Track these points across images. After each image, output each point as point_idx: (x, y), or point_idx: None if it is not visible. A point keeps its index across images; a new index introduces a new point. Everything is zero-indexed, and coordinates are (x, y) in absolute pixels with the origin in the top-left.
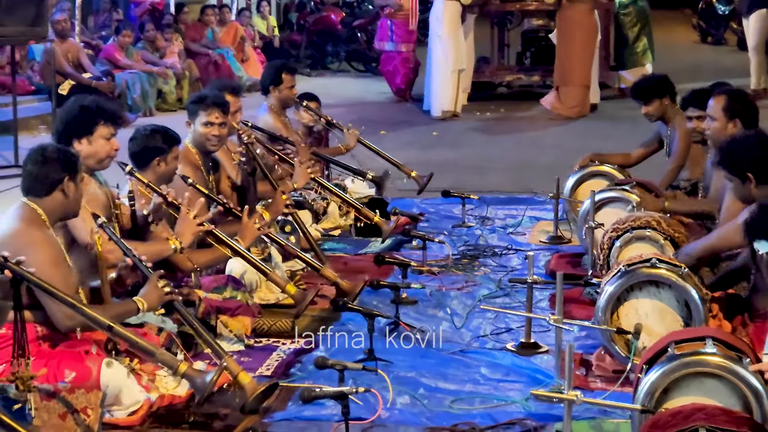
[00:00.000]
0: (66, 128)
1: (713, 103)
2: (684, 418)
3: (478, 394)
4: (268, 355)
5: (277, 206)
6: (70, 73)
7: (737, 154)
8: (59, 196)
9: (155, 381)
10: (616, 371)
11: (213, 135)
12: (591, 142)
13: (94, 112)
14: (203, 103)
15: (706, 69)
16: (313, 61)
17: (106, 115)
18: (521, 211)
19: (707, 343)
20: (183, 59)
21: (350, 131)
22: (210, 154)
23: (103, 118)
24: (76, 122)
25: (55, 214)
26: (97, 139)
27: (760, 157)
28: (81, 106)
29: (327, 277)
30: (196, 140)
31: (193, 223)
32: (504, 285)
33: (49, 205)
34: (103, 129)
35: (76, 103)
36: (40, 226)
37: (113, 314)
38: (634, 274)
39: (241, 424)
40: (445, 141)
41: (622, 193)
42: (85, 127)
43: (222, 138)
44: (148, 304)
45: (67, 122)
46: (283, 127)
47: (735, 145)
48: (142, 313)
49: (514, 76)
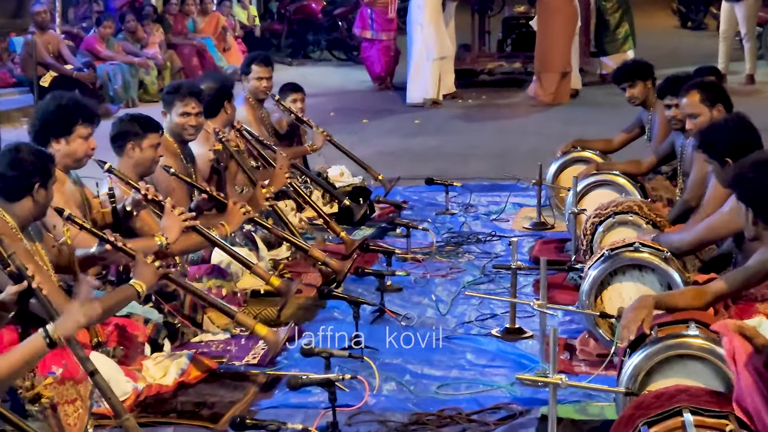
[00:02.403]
0: (43, 127)
1: (689, 101)
2: (667, 400)
3: (464, 380)
4: (254, 343)
5: (257, 200)
6: (52, 65)
7: (716, 138)
8: (28, 202)
9: (142, 371)
10: (600, 355)
11: (190, 125)
12: (573, 128)
13: (72, 111)
14: (179, 93)
15: (686, 54)
16: (294, 50)
17: (84, 114)
18: (504, 198)
19: (690, 326)
20: (164, 50)
21: (319, 131)
22: (187, 143)
23: (82, 118)
24: (54, 122)
25: (23, 220)
26: (75, 139)
27: (737, 141)
28: (59, 105)
29: (316, 258)
30: (172, 130)
31: (178, 219)
32: (488, 271)
33: (18, 210)
34: (82, 129)
35: (53, 102)
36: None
37: (114, 302)
38: (618, 259)
39: (229, 412)
40: (428, 129)
41: (607, 177)
42: (64, 128)
43: (198, 127)
44: (146, 283)
45: (45, 121)
46: (254, 120)
47: (713, 130)
48: (142, 296)
49: (496, 63)
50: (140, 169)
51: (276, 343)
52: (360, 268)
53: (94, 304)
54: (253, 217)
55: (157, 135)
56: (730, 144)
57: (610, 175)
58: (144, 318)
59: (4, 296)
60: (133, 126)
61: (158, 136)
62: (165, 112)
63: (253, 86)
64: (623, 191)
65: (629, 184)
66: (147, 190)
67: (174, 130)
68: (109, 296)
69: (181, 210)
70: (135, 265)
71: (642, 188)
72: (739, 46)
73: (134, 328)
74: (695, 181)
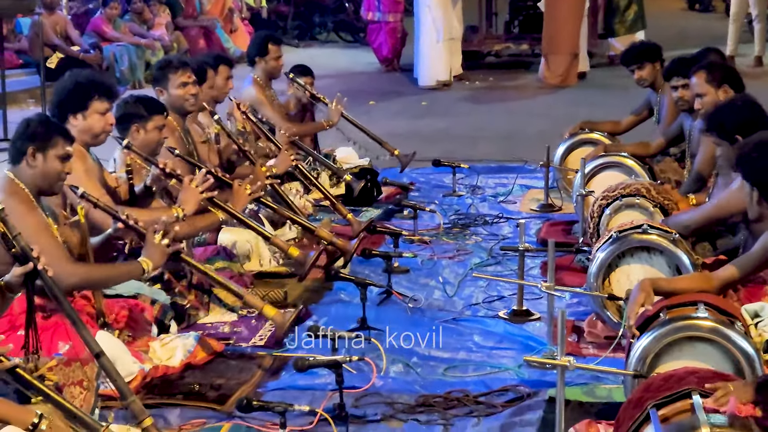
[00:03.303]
0: (61, 103)
1: (696, 81)
2: (676, 382)
3: (471, 362)
4: (261, 325)
5: (258, 179)
6: (59, 46)
7: (725, 118)
8: (25, 166)
9: (149, 352)
10: (608, 337)
11: (190, 94)
12: (581, 110)
13: (88, 87)
14: (171, 66)
15: (694, 36)
16: (301, 31)
17: (100, 89)
18: (512, 180)
19: (699, 308)
20: (171, 31)
21: (335, 106)
22: (187, 115)
23: (98, 93)
24: (71, 97)
25: (30, 185)
26: (91, 114)
27: (746, 120)
28: (76, 81)
29: (323, 238)
30: (173, 104)
31: (196, 192)
32: (495, 253)
33: (21, 174)
34: (98, 104)
35: (71, 79)
36: (21, 197)
37: (117, 273)
38: (626, 240)
39: (236, 394)
40: (435, 111)
41: (615, 159)
42: (80, 103)
43: (197, 96)
44: (153, 262)
45: (61, 97)
46: (266, 100)
47: (722, 110)
48: (148, 274)
49: (503, 45)
50: (145, 150)
51: (283, 324)
52: (367, 250)
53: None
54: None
55: (162, 117)
56: (738, 124)
57: (618, 157)
58: (151, 299)
59: (9, 277)
60: (138, 108)
61: (163, 118)
62: (161, 89)
63: (272, 66)
64: (631, 173)
65: (637, 166)
66: (165, 165)
67: (175, 104)
68: (114, 266)
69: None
70: (144, 244)
71: (650, 170)
72: (748, 29)
73: (141, 309)
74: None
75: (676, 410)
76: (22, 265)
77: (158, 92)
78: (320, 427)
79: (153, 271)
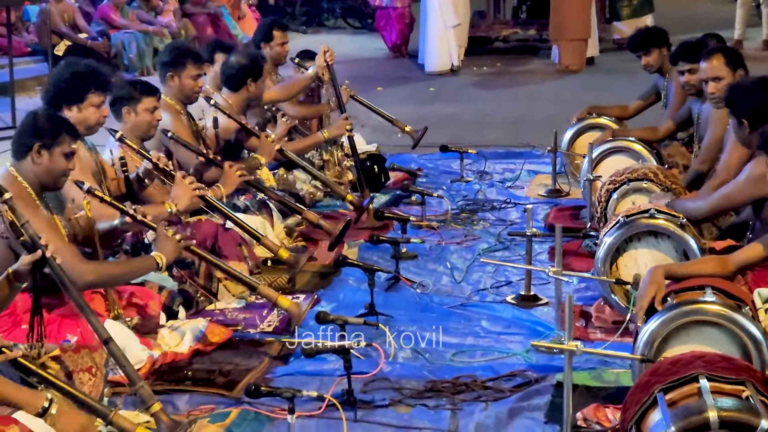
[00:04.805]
0: (56, 94)
1: (714, 64)
2: (684, 366)
3: (479, 347)
4: (269, 311)
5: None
6: (66, 34)
7: (739, 97)
8: (29, 162)
9: (157, 339)
10: (615, 322)
11: (199, 87)
12: (588, 95)
13: (85, 79)
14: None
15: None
16: (309, 18)
17: (97, 82)
18: (519, 165)
19: (706, 292)
20: (178, 18)
21: (343, 88)
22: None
23: (95, 86)
24: (67, 89)
25: (33, 181)
26: (87, 107)
27: (760, 104)
28: (73, 72)
29: (309, 220)
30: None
31: (189, 188)
32: (503, 238)
33: (25, 171)
34: (94, 97)
35: (68, 69)
36: (22, 196)
37: (132, 269)
38: (633, 225)
39: (244, 380)
40: (442, 96)
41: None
42: (76, 95)
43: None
44: (166, 257)
45: (58, 88)
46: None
47: (740, 89)
48: (162, 268)
49: (511, 31)
50: (137, 132)
51: (299, 314)
52: (375, 236)
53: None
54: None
55: (154, 99)
56: (753, 105)
57: (626, 142)
58: (159, 285)
59: (18, 266)
60: (128, 90)
61: (155, 100)
62: (173, 75)
63: (277, 52)
64: (639, 158)
65: (645, 150)
66: (158, 160)
67: (185, 92)
68: (128, 263)
69: (192, 179)
70: (156, 238)
71: (658, 155)
72: (756, 12)
73: (149, 296)
74: (709, 146)
75: (683, 394)
76: (30, 253)
77: (170, 78)
78: (329, 413)
79: (166, 265)
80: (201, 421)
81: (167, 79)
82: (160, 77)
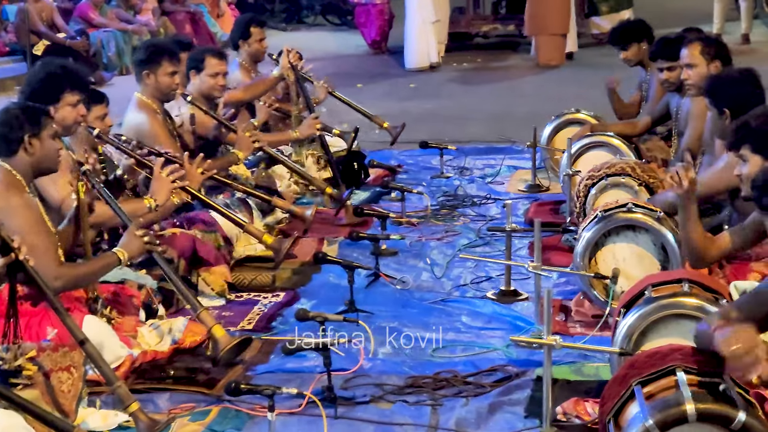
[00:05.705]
0: (32, 95)
1: (689, 51)
2: (661, 359)
3: (460, 343)
4: (249, 309)
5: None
6: (45, 33)
7: (721, 88)
8: (23, 154)
9: (137, 337)
10: (595, 316)
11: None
12: (569, 90)
13: (60, 79)
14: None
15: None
16: (288, 15)
17: (72, 82)
18: (499, 161)
19: (684, 286)
20: (157, 16)
21: (321, 84)
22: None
23: (70, 86)
24: (42, 90)
25: (27, 173)
26: (63, 107)
27: (740, 95)
28: (47, 73)
29: (280, 207)
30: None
31: (167, 181)
32: (483, 234)
33: (18, 164)
34: (70, 96)
35: (42, 70)
36: (17, 188)
37: (96, 268)
38: (611, 219)
39: (225, 378)
40: (423, 92)
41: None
42: (51, 95)
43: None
44: (129, 253)
45: (33, 89)
46: None
47: (720, 80)
48: (123, 264)
49: (490, 26)
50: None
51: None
52: (355, 232)
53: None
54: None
55: (175, 62)
56: (734, 96)
57: (605, 137)
58: (138, 284)
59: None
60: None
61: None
62: (149, 73)
63: (255, 49)
64: (618, 152)
65: (623, 145)
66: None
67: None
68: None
69: (172, 169)
70: (125, 234)
71: (636, 149)
72: (734, 6)
73: (128, 294)
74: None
75: (661, 387)
76: (4, 256)
77: (145, 76)
78: (309, 410)
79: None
80: (181, 419)
81: (143, 78)
82: (136, 76)
